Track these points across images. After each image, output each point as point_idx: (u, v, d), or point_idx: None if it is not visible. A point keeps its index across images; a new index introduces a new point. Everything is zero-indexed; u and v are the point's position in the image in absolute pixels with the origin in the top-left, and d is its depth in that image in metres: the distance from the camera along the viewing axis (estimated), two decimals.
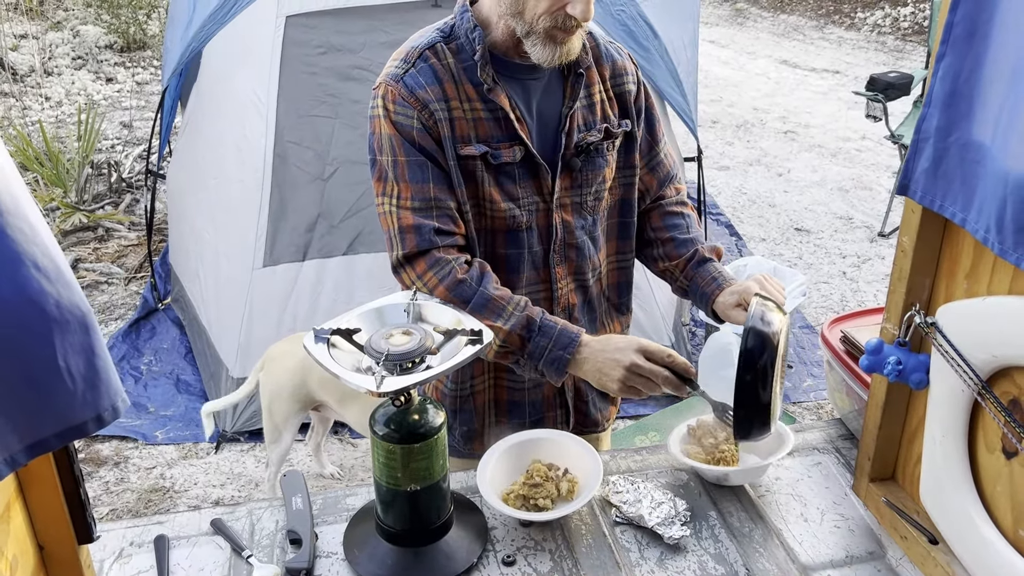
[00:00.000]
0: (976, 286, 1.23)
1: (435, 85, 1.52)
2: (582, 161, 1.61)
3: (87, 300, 0.83)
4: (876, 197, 5.42)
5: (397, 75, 1.53)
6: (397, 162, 1.53)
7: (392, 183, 1.54)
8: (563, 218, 1.62)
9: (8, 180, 0.75)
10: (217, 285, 3.61)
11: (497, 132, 1.55)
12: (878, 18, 9.43)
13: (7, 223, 0.73)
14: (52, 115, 7.04)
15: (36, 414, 0.80)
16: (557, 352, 1.51)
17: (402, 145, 1.53)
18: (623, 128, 1.66)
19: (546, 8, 1.45)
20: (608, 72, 1.66)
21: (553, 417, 1.75)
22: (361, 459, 3.31)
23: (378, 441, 1.32)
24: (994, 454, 1.23)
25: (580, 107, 1.60)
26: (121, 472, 3.22)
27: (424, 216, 1.53)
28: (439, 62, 1.54)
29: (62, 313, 0.78)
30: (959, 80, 1.12)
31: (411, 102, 1.51)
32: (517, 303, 1.53)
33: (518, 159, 1.56)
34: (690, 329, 3.93)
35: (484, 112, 1.54)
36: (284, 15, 3.57)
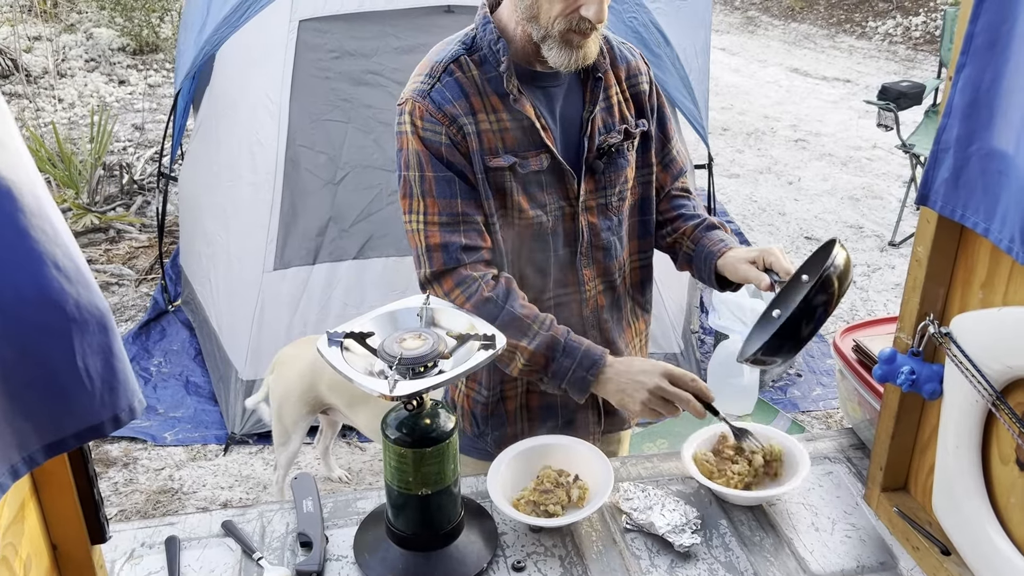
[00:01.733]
0: (992, 296, 1.23)
1: (462, 99, 1.53)
2: (604, 163, 1.62)
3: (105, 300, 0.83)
4: (887, 206, 5.41)
5: (423, 91, 1.53)
6: (424, 178, 1.54)
7: (419, 199, 1.55)
8: (589, 220, 1.64)
9: (32, 182, 0.75)
10: (228, 288, 3.62)
11: (524, 141, 1.56)
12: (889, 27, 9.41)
13: (30, 224, 0.74)
14: (65, 117, 7.08)
15: (54, 414, 0.80)
16: (581, 373, 1.52)
17: (430, 161, 1.53)
18: (640, 128, 1.68)
19: (560, 11, 1.46)
20: (624, 73, 1.67)
21: (584, 419, 1.75)
22: (369, 463, 3.31)
23: (390, 445, 1.32)
24: (1008, 465, 1.22)
25: (600, 110, 1.62)
26: (130, 473, 3.23)
27: (451, 232, 1.53)
28: (464, 75, 1.54)
29: (81, 313, 0.79)
30: (980, 90, 1.12)
31: (439, 118, 1.52)
32: (542, 322, 1.54)
33: (545, 167, 1.57)
34: (699, 337, 3.93)
35: (511, 122, 1.55)
36: (298, 19, 3.59)
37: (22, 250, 0.74)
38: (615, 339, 1.74)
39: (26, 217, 0.74)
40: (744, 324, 3.52)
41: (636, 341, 1.83)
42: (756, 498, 1.50)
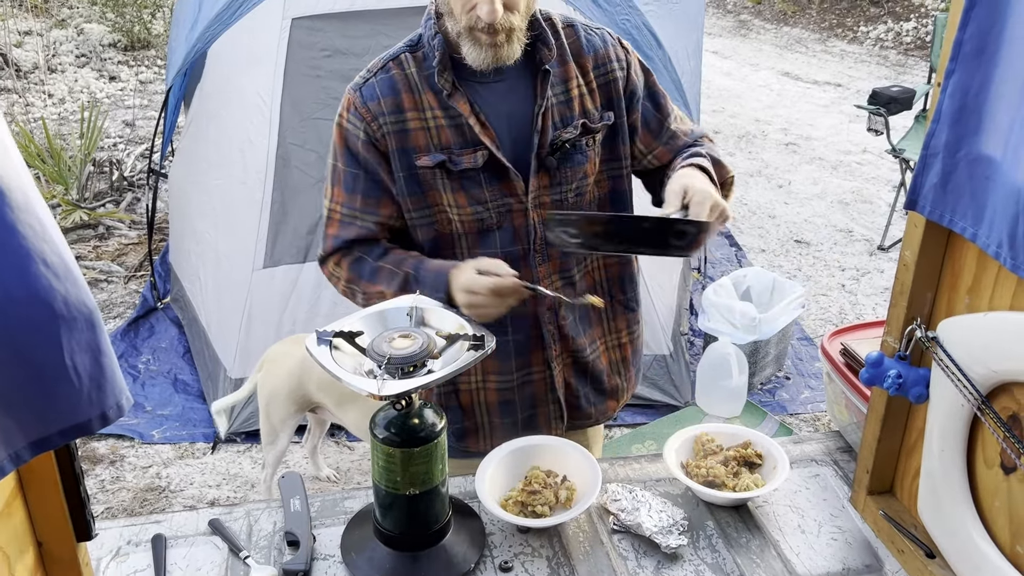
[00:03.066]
0: (978, 301, 1.23)
1: (391, 96, 1.55)
2: (558, 159, 1.60)
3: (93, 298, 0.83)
4: (876, 211, 5.43)
5: (358, 84, 1.59)
6: (336, 167, 1.62)
7: (330, 187, 1.63)
8: (542, 217, 1.62)
9: (20, 178, 0.75)
10: (217, 285, 3.61)
11: (458, 139, 1.56)
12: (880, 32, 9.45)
13: (18, 219, 0.73)
14: (55, 112, 7.04)
15: (41, 411, 0.80)
16: (437, 296, 1.50)
17: (344, 153, 1.60)
18: (605, 121, 1.64)
19: (460, 8, 1.48)
20: (591, 63, 1.63)
21: (546, 413, 1.75)
22: (357, 462, 3.31)
23: (378, 444, 1.32)
24: (992, 469, 1.23)
25: (554, 104, 1.59)
26: (117, 471, 3.22)
27: (346, 226, 1.61)
28: (401, 72, 1.57)
29: (70, 311, 0.78)
30: (968, 96, 1.13)
31: (362, 112, 1.56)
32: (398, 260, 1.58)
33: (480, 164, 1.56)
34: (688, 339, 3.94)
35: (445, 119, 1.56)
36: (290, 17, 3.58)
37: (10, 247, 0.73)
38: (575, 336, 1.71)
39: (14, 213, 0.74)
40: (733, 326, 3.53)
41: (611, 339, 1.79)
42: (740, 499, 1.50)
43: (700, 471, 1.55)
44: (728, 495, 1.50)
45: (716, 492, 1.50)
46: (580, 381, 1.76)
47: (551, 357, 1.71)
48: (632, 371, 1.87)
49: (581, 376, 1.76)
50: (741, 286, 3.83)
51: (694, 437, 1.63)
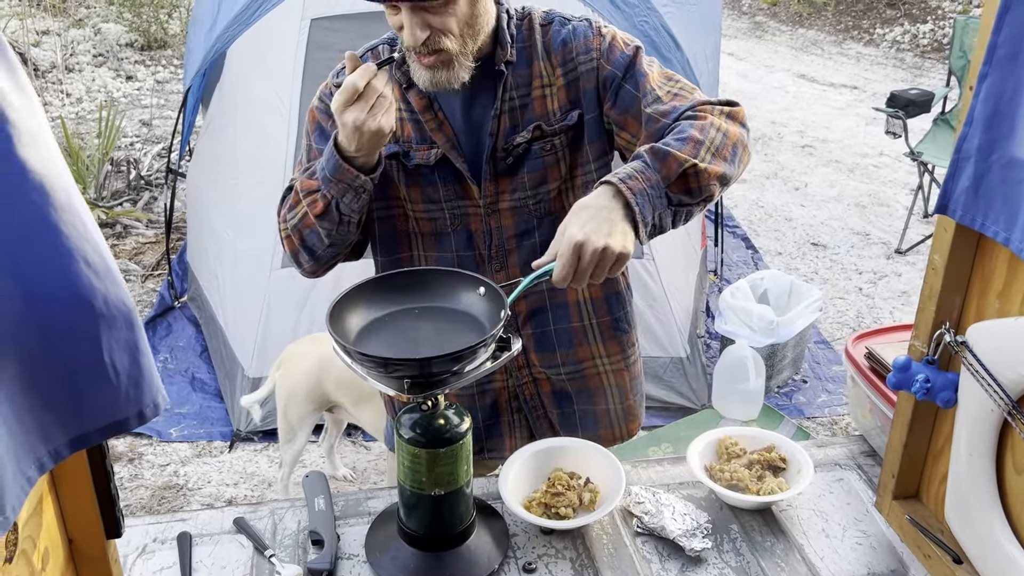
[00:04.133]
0: (1009, 305, 1.23)
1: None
2: (511, 164, 1.55)
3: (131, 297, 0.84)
4: (893, 214, 5.41)
5: (337, 71, 1.62)
6: (310, 147, 1.61)
7: (301, 164, 1.62)
8: (501, 223, 1.59)
9: (63, 178, 0.75)
10: (235, 285, 3.62)
11: (416, 134, 1.55)
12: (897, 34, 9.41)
13: (61, 219, 0.74)
14: (72, 112, 7.09)
15: (81, 409, 0.81)
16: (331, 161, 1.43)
17: (315, 132, 1.61)
18: (566, 122, 1.54)
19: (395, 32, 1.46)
20: (559, 59, 1.54)
21: (508, 422, 1.74)
22: (374, 462, 3.31)
23: (404, 445, 1.32)
24: (1022, 475, 1.22)
25: (513, 107, 1.54)
26: (135, 468, 3.24)
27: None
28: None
29: (109, 309, 0.79)
30: (1002, 100, 1.12)
31: (333, 92, 1.54)
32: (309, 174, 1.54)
33: (432, 162, 1.55)
34: (705, 341, 3.93)
35: (406, 113, 1.56)
36: (309, 18, 3.60)
37: (53, 246, 0.74)
38: (540, 350, 1.67)
39: (57, 213, 0.74)
40: (751, 329, 3.52)
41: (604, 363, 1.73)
42: (764, 502, 1.50)
43: (724, 474, 1.55)
44: (752, 499, 1.49)
45: (740, 496, 1.50)
46: (562, 400, 1.73)
47: (512, 367, 1.68)
48: (632, 399, 1.80)
49: (563, 395, 1.73)
50: (758, 289, 3.82)
51: (717, 440, 1.63)
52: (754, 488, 1.52)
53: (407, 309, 1.38)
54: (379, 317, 1.36)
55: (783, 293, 3.81)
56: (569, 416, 1.76)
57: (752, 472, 1.55)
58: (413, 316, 1.37)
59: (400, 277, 1.41)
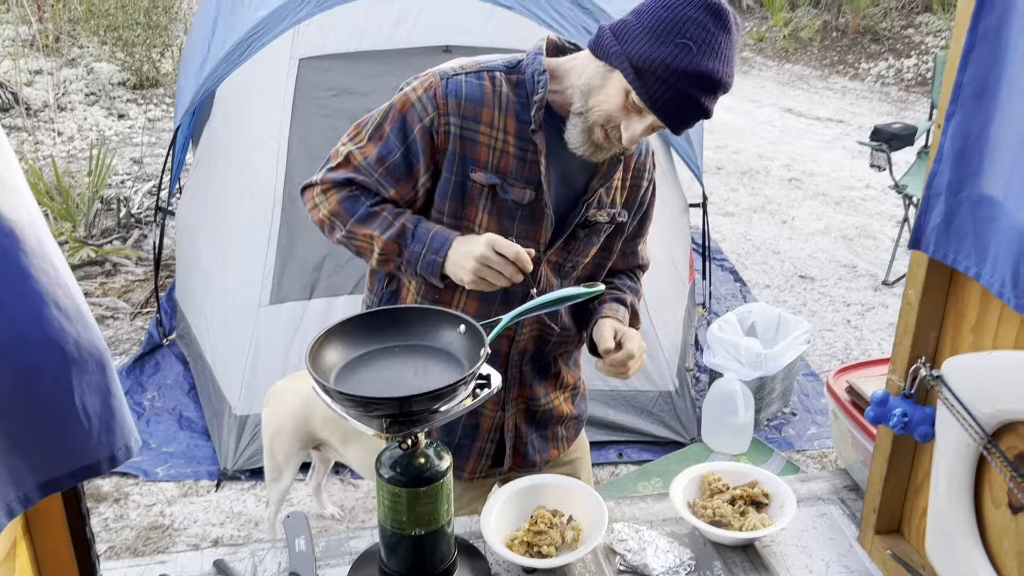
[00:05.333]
0: (982, 340, 1.24)
1: (473, 103, 1.55)
2: (584, 233, 1.67)
3: (104, 340, 0.84)
4: (880, 246, 5.44)
5: (447, 73, 1.57)
6: (382, 127, 1.59)
7: (364, 136, 1.61)
8: (547, 272, 1.67)
9: (34, 223, 0.76)
10: (223, 322, 3.62)
11: (518, 170, 1.58)
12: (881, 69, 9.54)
13: (32, 264, 0.74)
14: (64, 150, 7.11)
15: (51, 453, 0.81)
16: (430, 257, 1.55)
17: (397, 122, 1.57)
18: (622, 218, 1.72)
19: (608, 109, 1.48)
20: (632, 163, 1.71)
21: (480, 448, 1.77)
22: (362, 500, 3.29)
23: (384, 484, 1.32)
24: (1000, 509, 1.23)
25: (602, 187, 1.65)
26: (121, 509, 3.21)
27: (358, 173, 1.60)
28: (491, 87, 1.57)
29: (80, 353, 0.79)
30: (969, 138, 1.14)
31: (439, 102, 1.55)
32: (396, 212, 1.58)
33: (526, 201, 1.59)
34: (694, 375, 3.93)
35: (515, 148, 1.58)
36: (298, 57, 3.63)
37: (24, 291, 0.74)
38: (533, 385, 1.77)
39: (28, 258, 0.75)
40: (739, 362, 3.53)
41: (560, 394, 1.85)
42: (747, 538, 1.49)
43: (707, 510, 1.55)
44: (735, 535, 1.49)
45: (723, 532, 1.49)
46: (529, 427, 1.80)
47: (507, 400, 1.74)
48: (575, 423, 1.91)
49: (531, 422, 1.80)
50: (746, 322, 3.83)
51: (700, 476, 1.63)
52: (737, 524, 1.51)
53: (387, 347, 1.38)
54: (359, 356, 1.37)
55: (771, 326, 3.83)
56: (532, 441, 1.81)
57: (735, 508, 1.55)
58: (393, 354, 1.38)
59: (380, 316, 1.41)
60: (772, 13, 10.91)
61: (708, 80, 1.41)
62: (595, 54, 1.50)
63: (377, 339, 1.37)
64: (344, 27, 3.61)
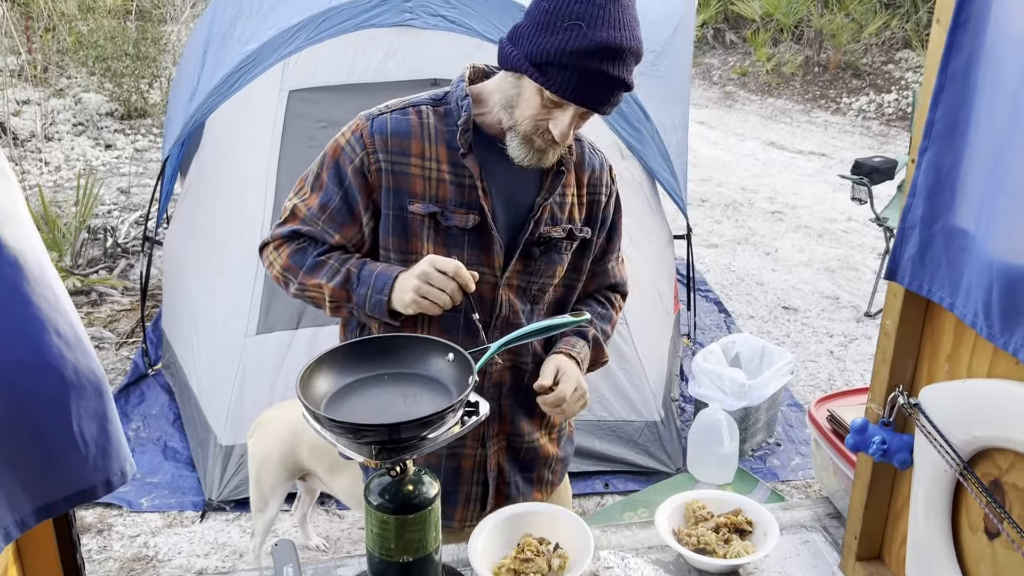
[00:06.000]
0: (957, 368, 1.27)
1: (399, 137, 1.59)
2: (541, 251, 1.66)
3: (101, 366, 0.86)
4: (862, 278, 5.51)
5: (372, 115, 1.62)
6: (320, 176, 1.64)
7: (306, 188, 1.66)
8: (509, 297, 1.67)
9: (36, 251, 0.78)
10: (210, 352, 3.62)
11: (456, 196, 1.60)
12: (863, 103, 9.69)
13: (33, 291, 0.77)
14: (51, 180, 7.12)
15: (48, 477, 0.82)
16: (376, 297, 1.57)
17: (331, 168, 1.62)
18: (583, 234, 1.72)
19: (531, 114, 1.52)
20: (586, 179, 1.72)
21: (467, 492, 1.75)
22: (347, 531, 3.28)
23: (372, 511, 1.33)
24: (977, 534, 1.25)
25: (553, 202, 1.66)
26: (104, 540, 3.18)
27: (303, 224, 1.65)
28: (419, 120, 1.60)
29: (79, 379, 0.81)
30: (941, 172, 1.18)
31: (365, 141, 1.59)
32: (342, 259, 1.61)
33: (470, 226, 1.60)
34: (679, 405, 3.95)
35: (449, 175, 1.59)
36: (287, 90, 3.67)
37: (24, 317, 0.76)
38: (514, 418, 1.74)
39: (30, 285, 0.77)
40: (724, 392, 3.55)
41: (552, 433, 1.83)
42: (731, 566, 1.51)
43: (691, 538, 1.56)
44: (719, 562, 1.51)
45: (707, 559, 1.51)
46: (512, 466, 1.77)
47: (487, 435, 1.72)
48: (560, 466, 1.88)
49: (514, 461, 1.77)
50: (730, 352, 3.86)
51: (685, 504, 1.65)
52: (721, 552, 1.53)
53: (377, 375, 1.40)
54: (349, 383, 1.38)
55: (755, 356, 3.86)
56: (516, 483, 1.79)
57: (719, 535, 1.57)
58: (382, 382, 1.40)
59: (370, 344, 1.43)
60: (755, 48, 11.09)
61: (608, 50, 1.42)
62: (502, 66, 1.54)
63: (367, 367, 1.39)
64: (334, 60, 3.65)
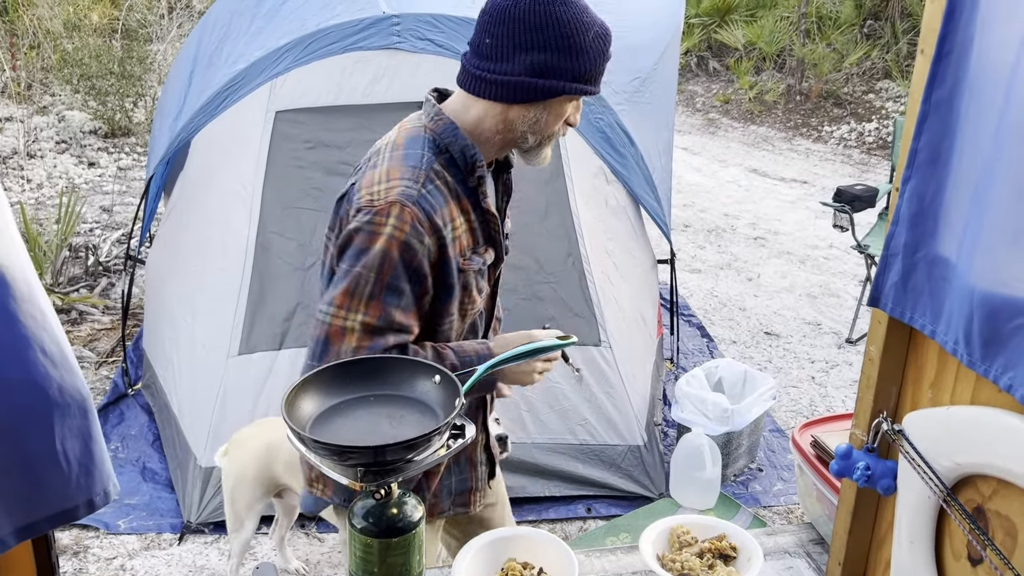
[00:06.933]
0: (940, 395, 1.28)
1: (444, 207, 1.56)
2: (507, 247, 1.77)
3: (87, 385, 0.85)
4: (843, 304, 5.55)
5: (412, 197, 1.53)
6: (379, 281, 1.53)
7: (363, 300, 1.54)
8: (495, 302, 1.80)
9: (24, 269, 0.78)
10: (191, 372, 3.59)
11: (483, 237, 1.66)
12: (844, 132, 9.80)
13: (20, 309, 0.76)
14: (32, 197, 7.07)
15: (30, 496, 0.81)
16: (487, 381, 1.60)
17: (396, 266, 1.52)
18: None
19: (562, 119, 1.60)
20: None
21: (475, 475, 1.86)
22: (327, 554, 3.25)
23: (356, 534, 1.32)
24: (960, 561, 1.26)
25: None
26: (80, 563, 3.14)
27: (379, 336, 1.55)
28: (442, 182, 1.57)
29: (63, 397, 0.80)
30: (924, 201, 1.20)
31: (426, 228, 1.52)
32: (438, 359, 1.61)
33: (491, 260, 1.68)
34: (662, 429, 3.95)
35: (476, 222, 1.63)
36: (274, 110, 3.67)
37: (11, 334, 0.76)
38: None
39: (16, 303, 0.76)
40: (706, 417, 3.56)
41: None
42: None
43: (675, 564, 1.56)
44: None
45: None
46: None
47: (488, 419, 1.85)
48: None
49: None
50: (713, 377, 3.87)
51: (669, 529, 1.64)
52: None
53: (363, 397, 1.39)
54: (334, 405, 1.38)
55: (737, 381, 3.87)
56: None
57: (703, 561, 1.56)
58: (368, 404, 1.39)
59: (355, 365, 1.43)
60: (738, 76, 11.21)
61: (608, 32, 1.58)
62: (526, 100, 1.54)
63: (353, 388, 1.38)
64: (321, 82, 3.66)
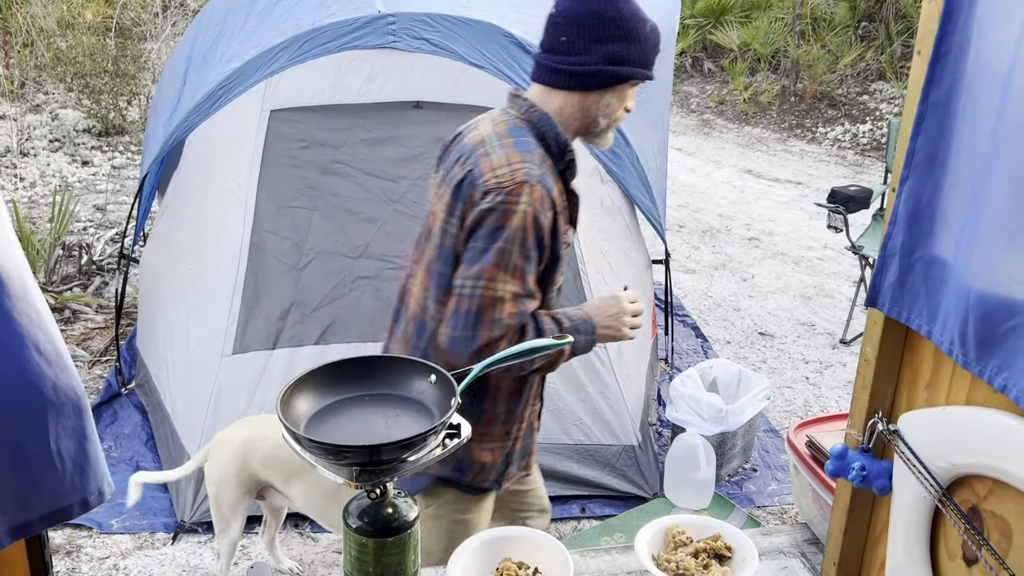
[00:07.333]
0: (936, 396, 1.28)
1: (554, 186, 1.77)
2: None
3: (82, 384, 0.84)
4: (837, 305, 5.56)
5: (535, 176, 1.73)
6: (521, 253, 1.73)
7: (508, 271, 1.72)
8: None
9: (19, 267, 0.77)
10: (185, 371, 3.58)
11: (568, 215, 1.84)
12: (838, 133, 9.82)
13: (15, 307, 0.75)
14: (25, 195, 7.04)
15: (24, 496, 0.80)
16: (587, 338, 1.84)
17: (532, 239, 1.73)
18: None
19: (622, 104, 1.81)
20: None
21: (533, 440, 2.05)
22: (322, 554, 3.24)
23: (351, 534, 1.32)
24: (955, 561, 1.26)
25: None
26: (72, 562, 3.12)
27: (522, 302, 1.75)
28: (548, 165, 1.79)
29: (58, 396, 0.80)
30: (921, 201, 1.20)
31: (547, 204, 1.74)
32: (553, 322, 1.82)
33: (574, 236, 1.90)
34: (656, 430, 3.96)
35: (568, 200, 1.83)
36: (269, 109, 3.67)
37: (6, 333, 0.75)
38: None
39: (11, 301, 0.76)
40: (701, 417, 3.56)
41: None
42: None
43: (671, 563, 1.56)
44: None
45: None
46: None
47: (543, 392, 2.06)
48: None
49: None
50: (708, 377, 3.88)
51: (664, 529, 1.64)
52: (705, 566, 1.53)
53: (358, 396, 1.39)
54: (329, 404, 1.37)
55: (732, 382, 3.88)
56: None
57: (698, 561, 1.56)
58: (364, 403, 1.39)
59: (351, 364, 1.42)
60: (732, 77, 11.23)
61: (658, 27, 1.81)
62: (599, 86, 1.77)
63: (348, 388, 1.38)
64: (316, 81, 3.65)
